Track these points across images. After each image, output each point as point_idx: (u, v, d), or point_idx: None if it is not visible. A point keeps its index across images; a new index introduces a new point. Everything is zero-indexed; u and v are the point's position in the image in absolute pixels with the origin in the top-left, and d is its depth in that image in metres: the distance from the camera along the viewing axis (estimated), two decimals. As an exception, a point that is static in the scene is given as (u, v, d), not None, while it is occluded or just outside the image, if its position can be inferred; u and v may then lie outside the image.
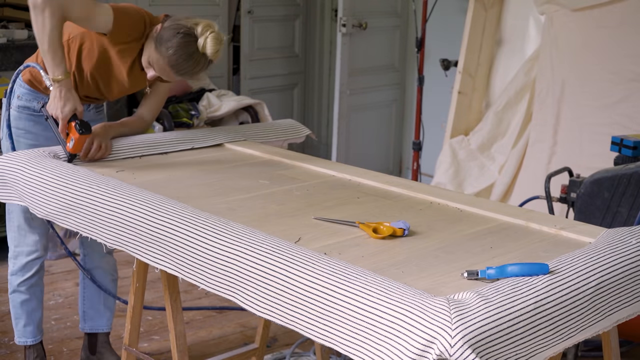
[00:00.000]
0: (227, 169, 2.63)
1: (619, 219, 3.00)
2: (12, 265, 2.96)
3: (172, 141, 2.83)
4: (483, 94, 4.92)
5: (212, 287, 1.85)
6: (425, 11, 4.83)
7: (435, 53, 5.31)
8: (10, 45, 4.64)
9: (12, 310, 3.02)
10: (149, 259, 2.01)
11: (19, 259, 2.94)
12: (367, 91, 5.68)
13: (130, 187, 2.21)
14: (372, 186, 2.47)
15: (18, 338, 3.05)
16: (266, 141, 3.02)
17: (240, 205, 2.21)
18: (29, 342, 3.04)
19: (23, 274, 2.95)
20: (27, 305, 2.99)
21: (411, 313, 1.49)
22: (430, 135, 5.24)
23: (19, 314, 3.01)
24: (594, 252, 1.80)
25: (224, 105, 4.90)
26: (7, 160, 2.46)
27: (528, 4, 4.59)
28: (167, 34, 2.54)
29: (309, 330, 1.65)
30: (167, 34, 2.54)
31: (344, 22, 5.32)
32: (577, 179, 3.28)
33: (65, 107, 2.56)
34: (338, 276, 1.64)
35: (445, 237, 2.01)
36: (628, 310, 1.78)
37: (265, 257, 1.76)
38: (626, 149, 3.24)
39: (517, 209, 2.29)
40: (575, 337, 1.63)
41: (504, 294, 1.56)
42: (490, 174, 4.63)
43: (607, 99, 4.04)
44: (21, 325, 3.02)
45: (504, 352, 1.48)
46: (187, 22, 2.56)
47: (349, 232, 2.02)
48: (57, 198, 2.26)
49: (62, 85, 2.56)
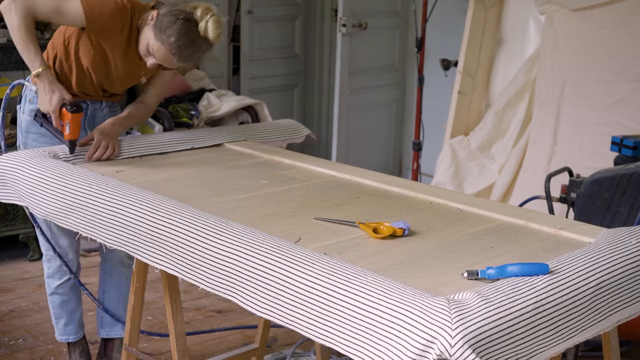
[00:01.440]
0: (227, 169, 2.63)
1: (619, 219, 3.00)
2: (47, 268, 2.94)
3: (172, 141, 2.83)
4: (483, 94, 4.92)
5: (212, 287, 1.85)
6: (425, 11, 4.83)
7: (435, 53, 5.31)
8: (10, 45, 4.63)
9: (52, 311, 3.01)
10: (149, 259, 2.00)
11: (52, 262, 2.92)
12: (367, 91, 5.68)
13: (130, 187, 2.21)
14: (372, 186, 2.47)
15: (59, 336, 3.03)
16: (266, 141, 3.01)
17: (240, 205, 2.21)
18: (71, 339, 3.04)
19: (60, 276, 2.93)
20: (67, 306, 2.99)
21: (411, 313, 1.49)
22: (430, 135, 5.24)
23: (59, 314, 2.99)
24: (594, 252, 1.80)
25: (224, 105, 4.89)
26: (7, 160, 2.46)
27: (528, 4, 4.59)
28: (166, 21, 2.50)
29: (309, 330, 1.65)
30: (167, 20, 2.50)
31: (344, 22, 5.32)
32: (577, 179, 3.28)
33: (52, 100, 2.56)
34: (338, 276, 1.64)
35: (445, 237, 2.01)
36: (628, 310, 1.78)
37: (265, 257, 1.76)
38: (626, 149, 3.23)
39: (517, 209, 2.29)
40: (575, 337, 1.63)
41: (504, 294, 1.56)
42: (490, 174, 4.63)
43: (607, 99, 4.04)
44: (62, 324, 3.01)
45: (504, 352, 1.48)
46: (185, 6, 2.53)
47: (349, 232, 2.02)
48: (57, 198, 2.26)
49: (43, 79, 2.56)
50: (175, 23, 2.49)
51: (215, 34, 2.51)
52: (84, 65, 2.71)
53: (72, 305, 3.00)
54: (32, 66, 2.57)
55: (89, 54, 2.68)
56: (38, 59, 2.57)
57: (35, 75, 2.57)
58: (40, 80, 2.57)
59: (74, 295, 2.99)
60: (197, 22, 2.51)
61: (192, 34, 2.50)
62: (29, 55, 2.57)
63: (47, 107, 2.58)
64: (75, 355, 3.06)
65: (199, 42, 2.52)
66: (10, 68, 4.68)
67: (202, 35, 2.52)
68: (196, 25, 2.51)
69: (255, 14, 5.83)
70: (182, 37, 2.49)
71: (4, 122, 2.77)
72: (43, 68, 2.57)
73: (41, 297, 3.89)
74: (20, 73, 4.70)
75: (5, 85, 4.36)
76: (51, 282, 2.95)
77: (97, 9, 2.57)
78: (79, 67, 2.72)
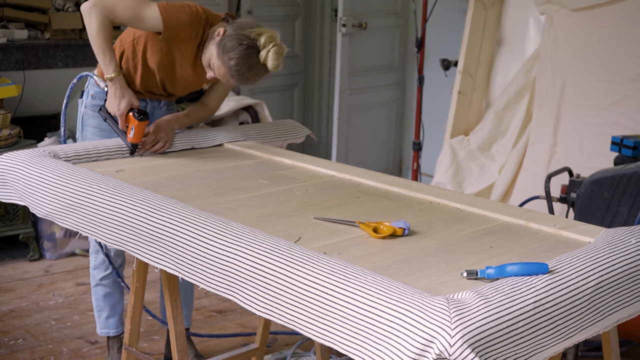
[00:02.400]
0: (227, 169, 2.63)
1: (619, 219, 3.00)
2: (94, 260, 3.02)
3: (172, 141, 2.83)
4: (483, 94, 4.92)
5: (212, 286, 1.85)
6: (425, 11, 4.83)
7: (435, 53, 5.31)
8: (10, 45, 4.64)
9: (95, 303, 3.09)
10: (149, 259, 2.01)
11: (98, 254, 3.00)
12: (367, 91, 5.68)
13: (130, 187, 2.21)
14: (372, 186, 2.47)
15: (100, 329, 3.11)
16: (266, 141, 3.02)
17: (240, 205, 2.21)
18: (112, 333, 3.11)
19: (105, 269, 3.01)
20: (110, 298, 3.06)
21: (411, 312, 1.49)
22: (430, 135, 5.24)
23: (101, 306, 3.08)
24: (594, 251, 1.80)
25: (224, 106, 4.89)
26: (7, 160, 2.46)
27: (528, 4, 4.59)
28: (230, 44, 2.59)
29: (308, 329, 1.65)
30: (231, 43, 2.59)
31: (344, 22, 5.32)
32: (577, 179, 3.28)
33: (121, 104, 2.68)
34: (338, 276, 1.64)
35: (445, 236, 2.01)
36: (628, 310, 1.78)
37: (265, 256, 1.76)
38: (626, 149, 3.24)
39: (517, 209, 2.29)
40: (575, 337, 1.63)
41: (503, 293, 1.56)
42: (490, 174, 4.63)
43: (607, 99, 4.04)
44: (104, 317, 3.09)
45: (503, 352, 1.48)
46: (250, 32, 2.60)
47: (348, 232, 2.02)
48: (57, 198, 2.26)
49: (115, 83, 2.69)
50: (237, 47, 2.58)
51: (275, 64, 2.61)
52: (150, 66, 2.80)
53: (115, 298, 3.07)
54: (107, 70, 2.69)
55: (157, 56, 2.77)
56: (112, 64, 2.68)
57: (108, 79, 2.69)
58: (112, 84, 2.69)
59: (118, 289, 3.07)
60: (259, 50, 2.59)
61: (252, 60, 2.59)
62: (104, 59, 2.67)
63: (115, 111, 2.70)
64: (114, 351, 3.13)
65: (257, 68, 2.62)
66: (10, 68, 4.68)
67: (261, 62, 2.60)
68: (258, 52, 2.59)
69: (255, 14, 5.83)
70: (242, 62, 2.58)
71: (66, 110, 2.88)
72: (117, 74, 2.69)
73: (41, 297, 3.90)
74: (20, 73, 4.71)
75: (5, 85, 4.36)
76: (96, 273, 3.03)
77: (174, 17, 2.66)
78: (145, 67, 2.80)
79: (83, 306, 3.80)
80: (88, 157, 2.60)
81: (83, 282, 4.08)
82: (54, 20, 4.80)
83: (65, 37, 4.89)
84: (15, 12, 4.73)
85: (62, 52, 4.86)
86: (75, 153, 2.58)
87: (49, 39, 4.84)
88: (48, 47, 4.81)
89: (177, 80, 2.86)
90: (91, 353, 3.35)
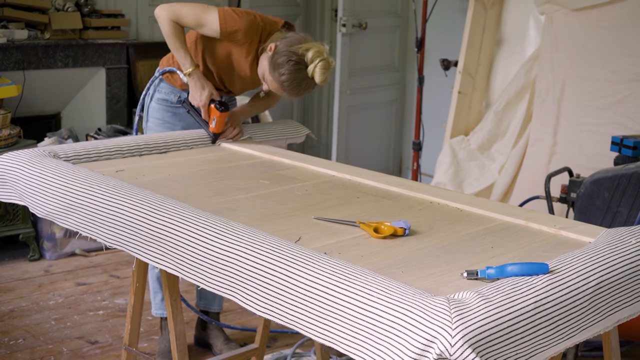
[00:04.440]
0: (227, 169, 2.63)
1: (619, 219, 3.00)
2: None
3: (172, 141, 2.83)
4: (483, 94, 4.92)
5: (212, 286, 1.85)
6: (425, 11, 4.83)
7: (435, 53, 5.31)
8: (10, 45, 4.64)
9: (151, 285, 3.21)
10: (149, 259, 2.01)
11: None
12: (367, 91, 5.68)
13: (130, 187, 2.21)
14: (372, 186, 2.47)
15: (155, 310, 3.27)
16: (266, 141, 3.02)
17: (240, 205, 2.21)
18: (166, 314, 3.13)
19: None
20: None
21: (411, 312, 1.49)
22: (430, 135, 5.24)
23: (157, 287, 3.22)
24: (594, 252, 1.80)
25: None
26: (7, 160, 2.46)
27: (528, 4, 4.59)
28: (280, 60, 2.73)
29: (309, 329, 1.65)
30: (280, 60, 2.73)
31: (344, 22, 5.32)
32: (577, 179, 3.28)
33: (202, 96, 2.89)
34: (338, 276, 1.64)
35: (445, 236, 2.01)
36: (628, 310, 1.78)
37: (265, 256, 1.76)
38: (626, 149, 3.24)
39: (517, 209, 2.29)
40: (575, 337, 1.63)
41: (504, 293, 1.56)
42: (490, 174, 4.63)
43: (607, 99, 4.04)
44: (159, 298, 3.25)
45: (504, 352, 1.48)
46: (298, 48, 2.72)
47: (349, 232, 2.02)
48: (57, 198, 2.26)
49: (193, 76, 2.90)
50: (287, 64, 2.72)
51: (322, 79, 2.73)
52: (209, 66, 2.99)
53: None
54: (184, 66, 2.91)
55: (216, 56, 2.96)
56: (188, 59, 2.90)
57: (187, 74, 2.90)
58: (191, 78, 2.91)
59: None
60: (307, 65, 2.72)
61: (301, 76, 2.73)
62: (180, 56, 2.90)
63: (197, 102, 2.90)
64: (166, 332, 3.23)
65: (305, 83, 2.75)
66: (10, 68, 4.68)
67: (310, 76, 2.73)
68: (306, 67, 2.72)
69: (255, 14, 5.83)
70: (291, 78, 2.73)
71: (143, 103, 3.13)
72: (193, 68, 2.90)
73: (41, 297, 3.90)
74: (20, 73, 4.71)
75: (5, 85, 4.36)
76: None
77: (231, 24, 2.84)
78: (205, 66, 2.99)
79: (83, 306, 3.80)
80: (88, 157, 2.59)
81: (83, 282, 4.08)
82: (54, 20, 4.80)
83: (65, 37, 4.89)
84: (15, 12, 4.73)
85: (62, 52, 4.86)
86: (75, 153, 2.58)
87: (49, 39, 4.84)
88: (48, 47, 4.81)
89: (234, 80, 3.02)
90: (91, 353, 3.35)
